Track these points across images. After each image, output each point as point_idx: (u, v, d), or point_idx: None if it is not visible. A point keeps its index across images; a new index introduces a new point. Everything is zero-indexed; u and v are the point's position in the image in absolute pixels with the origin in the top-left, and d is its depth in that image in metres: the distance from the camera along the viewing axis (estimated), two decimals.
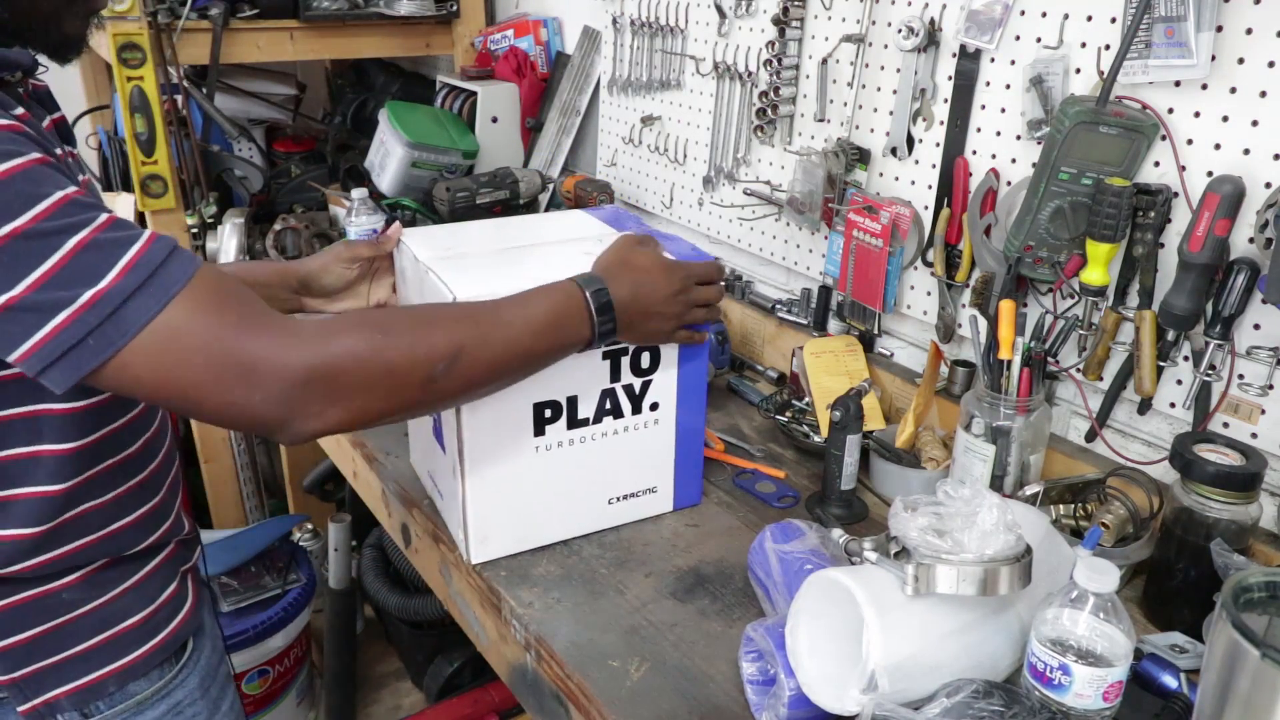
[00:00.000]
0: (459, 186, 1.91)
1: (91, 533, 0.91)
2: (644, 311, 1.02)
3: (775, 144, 1.60)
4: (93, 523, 0.91)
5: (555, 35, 2.19)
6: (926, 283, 1.40)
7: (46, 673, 0.91)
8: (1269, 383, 1.05)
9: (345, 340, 0.80)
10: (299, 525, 2.23)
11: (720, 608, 1.06)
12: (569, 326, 0.96)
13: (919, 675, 0.83)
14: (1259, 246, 1.01)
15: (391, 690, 2.35)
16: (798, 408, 1.48)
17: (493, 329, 0.90)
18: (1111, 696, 0.81)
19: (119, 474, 0.94)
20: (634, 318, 1.01)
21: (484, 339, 0.89)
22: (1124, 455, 1.20)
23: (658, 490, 1.20)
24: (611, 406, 1.12)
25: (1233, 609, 0.71)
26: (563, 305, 0.96)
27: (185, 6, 1.97)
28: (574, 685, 0.96)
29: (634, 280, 1.01)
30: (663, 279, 1.03)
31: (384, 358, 0.82)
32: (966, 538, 0.85)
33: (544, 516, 1.15)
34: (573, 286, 0.97)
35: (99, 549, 0.92)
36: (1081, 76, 1.16)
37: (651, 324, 1.04)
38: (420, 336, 0.85)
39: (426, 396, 0.87)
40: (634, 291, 1.00)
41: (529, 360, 0.95)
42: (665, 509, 1.22)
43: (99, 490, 0.91)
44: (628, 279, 1.00)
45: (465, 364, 0.87)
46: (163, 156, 1.99)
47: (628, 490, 1.19)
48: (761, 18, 1.56)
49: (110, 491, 0.93)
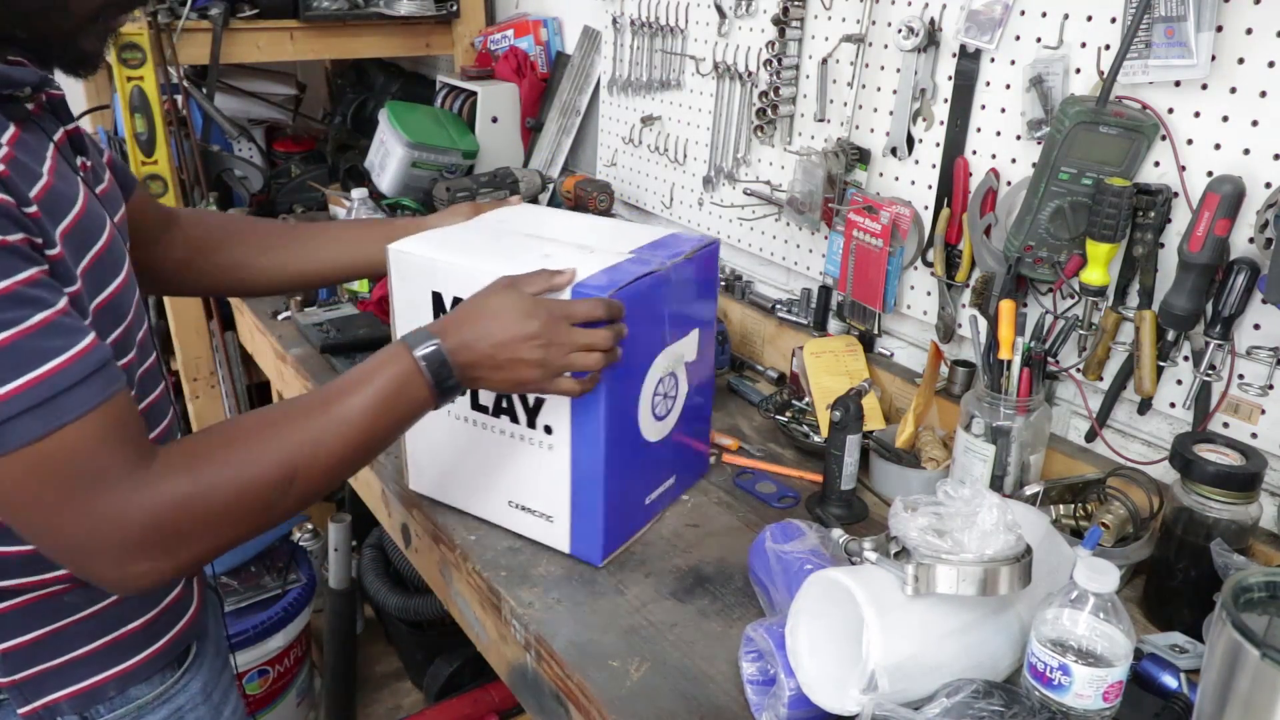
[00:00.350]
0: (459, 186, 1.91)
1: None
2: (495, 361, 0.93)
3: (775, 144, 1.60)
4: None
5: (555, 35, 2.19)
6: (926, 283, 1.40)
7: (47, 675, 0.90)
8: (1269, 383, 1.05)
9: (173, 488, 0.76)
10: (299, 525, 2.23)
11: (720, 608, 1.06)
12: (407, 395, 0.89)
13: (919, 675, 0.83)
14: (1259, 246, 1.01)
15: (391, 690, 2.35)
16: (798, 408, 1.48)
17: (324, 431, 0.84)
18: (1111, 696, 0.81)
19: None
20: (483, 369, 0.93)
21: (317, 447, 0.83)
22: (1124, 455, 1.20)
23: (554, 521, 1.13)
24: (506, 406, 1.10)
25: (1233, 609, 0.71)
26: (395, 376, 0.89)
27: (185, 6, 1.97)
28: (574, 685, 0.96)
29: (478, 329, 0.93)
30: (516, 323, 0.93)
31: (213, 501, 0.78)
32: (966, 538, 0.85)
33: (457, 480, 1.21)
34: (401, 350, 0.90)
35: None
36: (1081, 76, 1.16)
37: (511, 373, 0.94)
38: (248, 465, 0.80)
39: (269, 520, 0.83)
40: (476, 340, 0.92)
41: (372, 445, 0.89)
42: (562, 547, 1.14)
43: None
44: (470, 328, 0.93)
45: (302, 481, 0.82)
46: (163, 156, 2.00)
47: (525, 503, 1.15)
48: (761, 18, 1.56)
49: None
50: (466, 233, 1.19)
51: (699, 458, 1.31)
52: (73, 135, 0.89)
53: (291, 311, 1.82)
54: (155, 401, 0.95)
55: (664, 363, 1.12)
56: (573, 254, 1.10)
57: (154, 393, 0.95)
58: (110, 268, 0.85)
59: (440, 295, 1.11)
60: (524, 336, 0.93)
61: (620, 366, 1.03)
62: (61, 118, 0.88)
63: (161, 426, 0.98)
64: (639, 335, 1.06)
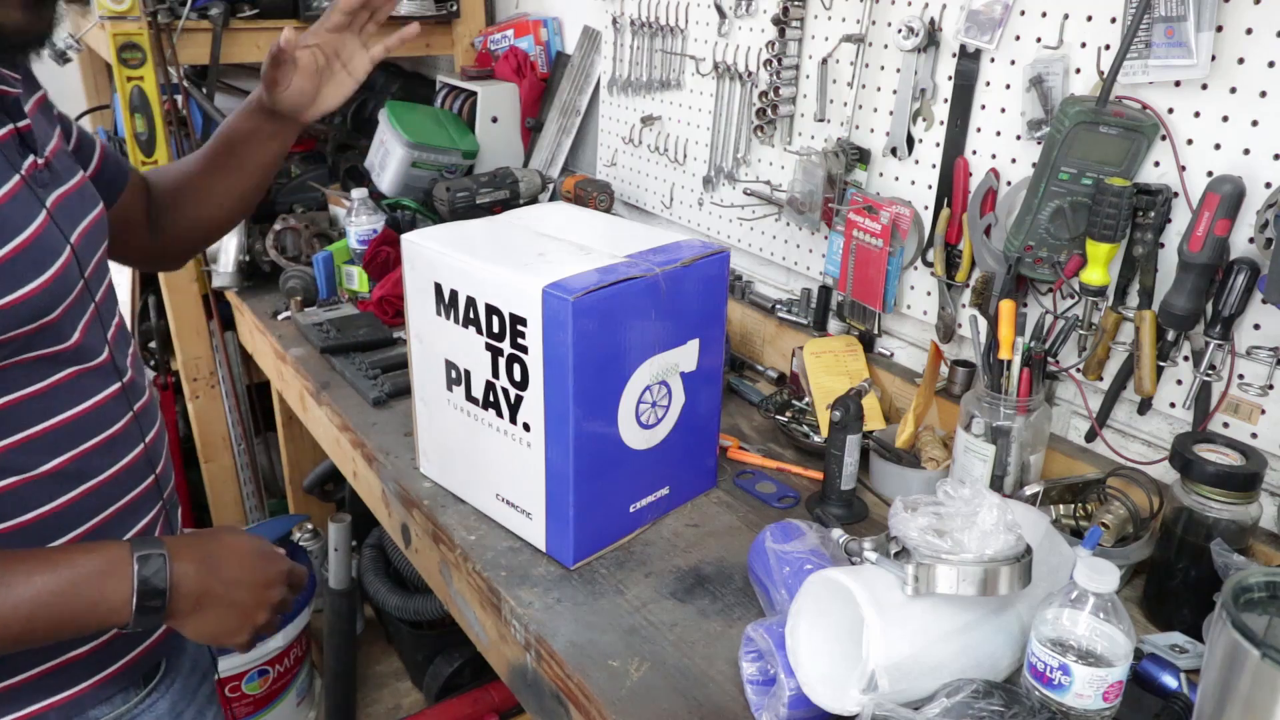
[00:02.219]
0: (459, 186, 1.91)
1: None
2: (218, 597, 0.85)
3: (775, 144, 1.60)
4: (15, 543, 0.84)
5: (555, 35, 2.19)
6: (926, 283, 1.40)
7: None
8: (1269, 383, 1.05)
9: None
10: (299, 525, 2.23)
11: (720, 608, 1.06)
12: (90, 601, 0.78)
13: (919, 675, 0.83)
14: (1259, 246, 1.01)
15: (391, 690, 2.35)
16: (798, 408, 1.49)
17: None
18: (1111, 696, 0.81)
19: (51, 485, 0.86)
20: (202, 601, 0.84)
21: None
22: (1124, 455, 1.20)
23: (532, 518, 1.14)
24: (494, 400, 1.13)
25: (1233, 609, 0.71)
26: (90, 574, 0.78)
27: (185, 6, 1.97)
28: (574, 685, 0.96)
29: (213, 555, 0.86)
30: (258, 566, 0.88)
31: None
32: (966, 538, 0.85)
33: (456, 468, 1.25)
34: (120, 552, 0.80)
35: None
36: (1081, 76, 1.16)
37: (223, 614, 0.86)
38: None
39: None
40: (211, 570, 0.84)
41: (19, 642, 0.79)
42: (539, 544, 1.15)
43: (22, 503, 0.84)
44: (204, 551, 0.85)
45: None
46: (163, 156, 2.00)
47: (509, 498, 1.17)
48: (761, 18, 1.56)
49: (38, 507, 0.85)
50: (475, 227, 1.23)
51: (702, 470, 1.27)
52: (24, 133, 0.86)
53: (291, 311, 1.82)
54: (100, 404, 0.91)
55: (651, 369, 1.11)
56: (569, 253, 1.11)
57: (98, 395, 0.90)
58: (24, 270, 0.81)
59: (440, 285, 1.14)
60: (259, 582, 0.89)
61: (592, 367, 1.03)
62: (13, 115, 0.85)
63: (113, 430, 0.92)
64: (619, 340, 1.05)
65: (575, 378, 1.02)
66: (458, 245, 1.14)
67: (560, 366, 1.02)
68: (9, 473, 0.84)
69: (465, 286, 1.11)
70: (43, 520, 0.86)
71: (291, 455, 2.31)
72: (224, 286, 2.02)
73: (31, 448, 0.85)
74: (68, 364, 0.87)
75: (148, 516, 0.97)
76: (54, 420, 0.86)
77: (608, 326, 1.03)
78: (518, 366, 1.07)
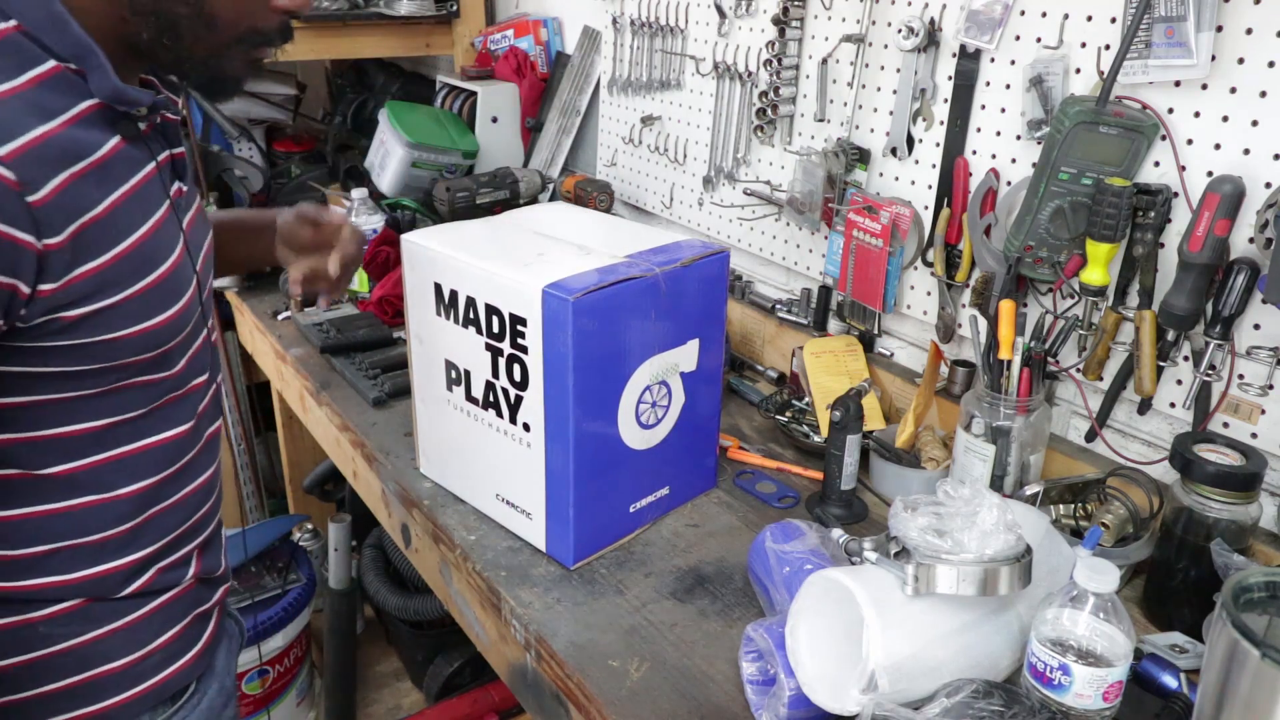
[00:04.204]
0: (459, 186, 1.91)
1: (75, 570, 0.85)
2: None
3: (775, 144, 1.60)
4: (77, 560, 0.85)
5: (555, 35, 2.19)
6: (926, 283, 1.40)
7: (19, 706, 0.86)
8: (1269, 383, 1.05)
9: None
10: (299, 525, 2.23)
11: (720, 608, 1.06)
12: None
13: (919, 675, 0.83)
14: (1259, 246, 1.01)
15: (391, 690, 2.35)
16: (798, 408, 1.49)
17: None
18: (1111, 696, 0.81)
19: (107, 513, 0.86)
20: None
21: None
22: (1124, 455, 1.20)
23: (532, 518, 1.14)
24: (494, 400, 1.13)
25: (1233, 609, 0.71)
26: None
27: None
28: (574, 685, 0.96)
29: None
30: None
31: None
32: (966, 538, 0.85)
33: (456, 468, 1.25)
34: None
35: (78, 589, 0.86)
36: (1081, 76, 1.16)
37: None
38: None
39: None
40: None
41: None
42: (539, 544, 1.15)
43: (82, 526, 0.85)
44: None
45: None
46: None
47: (509, 498, 1.17)
48: (761, 18, 1.56)
49: (107, 529, 0.86)
50: (474, 227, 1.23)
51: (702, 470, 1.27)
52: (177, 160, 0.88)
53: (291, 311, 1.82)
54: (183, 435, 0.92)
55: (651, 370, 1.11)
56: (569, 253, 1.11)
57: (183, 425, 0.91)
58: (158, 301, 0.83)
59: (440, 286, 1.14)
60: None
61: (592, 367, 1.03)
62: (171, 141, 0.87)
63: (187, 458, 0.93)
64: (619, 340, 1.06)
65: (575, 378, 1.02)
66: (457, 245, 1.14)
67: (560, 366, 1.02)
68: (89, 490, 0.85)
69: (465, 286, 1.11)
70: (102, 544, 0.87)
71: (291, 455, 2.31)
72: (224, 287, 2.03)
73: (116, 468, 0.86)
74: (166, 391, 0.88)
75: (201, 537, 0.98)
76: (139, 444, 0.87)
77: (608, 326, 1.03)
78: (517, 367, 1.07)
